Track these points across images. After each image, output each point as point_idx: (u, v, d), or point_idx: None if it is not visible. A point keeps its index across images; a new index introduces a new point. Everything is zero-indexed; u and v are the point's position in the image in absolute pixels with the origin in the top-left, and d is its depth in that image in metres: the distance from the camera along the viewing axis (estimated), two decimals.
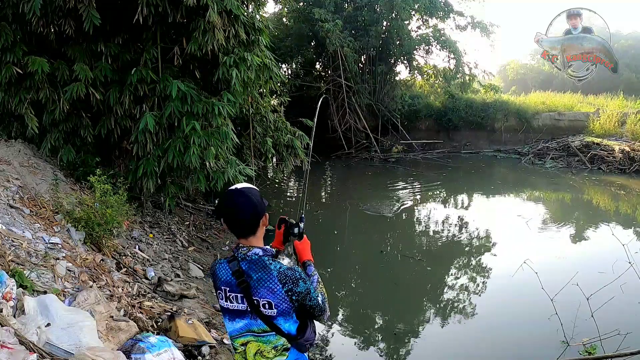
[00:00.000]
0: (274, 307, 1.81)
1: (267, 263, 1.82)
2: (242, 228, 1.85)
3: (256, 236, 1.88)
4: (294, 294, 1.80)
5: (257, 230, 1.87)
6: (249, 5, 7.25)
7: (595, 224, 9.80)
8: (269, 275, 1.80)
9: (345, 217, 10.64)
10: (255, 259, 1.83)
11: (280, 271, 1.80)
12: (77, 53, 6.15)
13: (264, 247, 1.89)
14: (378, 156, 17.51)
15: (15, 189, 5.08)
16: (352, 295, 6.28)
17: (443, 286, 6.44)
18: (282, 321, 1.85)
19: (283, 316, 1.84)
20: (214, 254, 7.00)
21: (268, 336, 1.87)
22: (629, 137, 15.65)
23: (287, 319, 1.85)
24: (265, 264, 1.82)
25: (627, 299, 4.56)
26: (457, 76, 18.55)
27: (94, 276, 4.27)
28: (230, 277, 1.85)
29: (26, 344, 2.63)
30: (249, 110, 8.17)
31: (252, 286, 1.81)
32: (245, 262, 1.83)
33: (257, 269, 1.82)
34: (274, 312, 1.82)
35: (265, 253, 1.86)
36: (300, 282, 1.81)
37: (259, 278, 1.80)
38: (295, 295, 1.81)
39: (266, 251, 1.87)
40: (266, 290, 1.80)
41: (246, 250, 1.85)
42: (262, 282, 1.80)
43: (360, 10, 17.96)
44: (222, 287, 1.88)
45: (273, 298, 1.80)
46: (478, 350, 4.90)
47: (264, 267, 1.82)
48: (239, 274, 1.82)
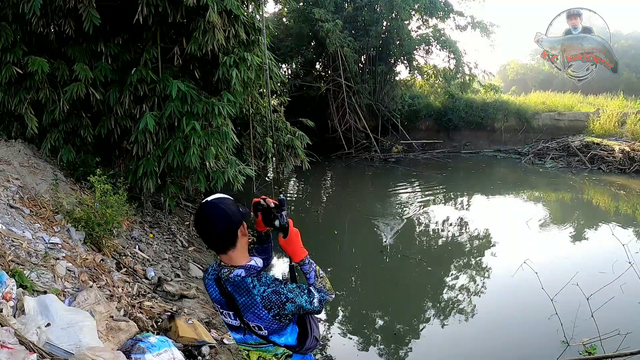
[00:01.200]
0: (264, 329, 1.73)
1: (250, 287, 1.70)
2: (219, 242, 1.72)
3: (236, 248, 1.73)
4: (282, 316, 1.70)
5: (236, 242, 1.72)
6: (249, 5, 7.25)
7: (595, 224, 9.80)
8: (253, 301, 1.69)
9: (345, 217, 10.65)
10: (238, 282, 1.71)
11: (264, 296, 1.68)
12: (77, 53, 6.16)
13: (247, 265, 1.74)
14: (378, 156, 17.50)
15: (15, 189, 5.07)
16: (352, 295, 6.28)
17: (443, 286, 6.44)
18: (277, 337, 1.78)
19: (277, 333, 1.77)
20: (214, 254, 6.98)
21: (266, 347, 1.82)
22: (629, 137, 15.64)
23: (282, 334, 1.79)
24: (249, 289, 1.70)
25: (627, 299, 4.56)
26: (457, 76, 18.54)
27: (94, 276, 4.27)
28: (219, 296, 1.77)
29: (26, 344, 2.63)
30: (249, 110, 8.17)
31: (241, 309, 1.72)
32: (229, 284, 1.73)
33: (241, 293, 1.71)
34: (266, 333, 1.74)
35: (249, 273, 1.73)
36: (288, 304, 1.69)
37: (244, 303, 1.71)
38: (284, 317, 1.70)
39: (249, 270, 1.73)
40: (252, 315, 1.71)
41: (227, 272, 1.72)
42: (248, 308, 1.70)
43: (360, 10, 17.95)
44: (215, 304, 1.83)
45: (261, 322, 1.71)
46: (478, 350, 4.90)
47: (247, 292, 1.70)
48: (227, 295, 1.73)
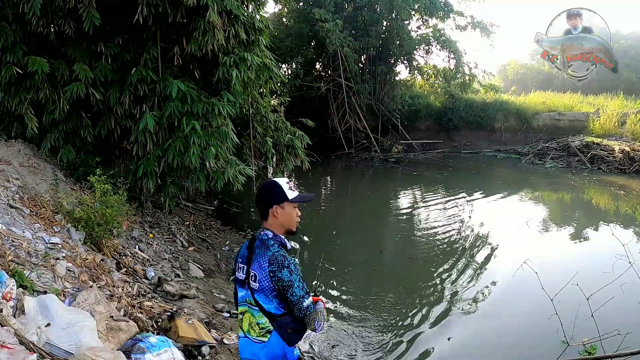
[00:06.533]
0: (257, 281, 2.03)
1: (269, 244, 2.08)
2: (260, 211, 2.15)
3: (268, 222, 2.13)
4: (274, 276, 1.99)
5: (267, 217, 2.12)
6: (249, 5, 7.26)
7: (595, 224, 9.79)
8: (264, 253, 2.05)
9: (345, 217, 10.64)
10: (265, 239, 2.10)
11: (274, 253, 2.04)
12: (77, 53, 6.16)
13: (276, 234, 2.12)
14: (378, 156, 17.51)
15: (15, 189, 5.07)
16: (352, 295, 6.27)
17: (443, 286, 6.43)
18: (263, 298, 2.04)
19: (264, 294, 2.03)
20: (214, 254, 6.99)
21: (255, 310, 2.08)
22: (629, 137, 15.62)
23: (268, 299, 2.04)
24: (268, 245, 2.07)
25: (627, 299, 4.55)
26: (457, 76, 18.56)
27: (94, 276, 4.27)
28: (245, 249, 2.16)
29: (26, 344, 2.63)
30: (249, 110, 8.18)
31: (252, 259, 2.08)
32: (259, 239, 2.12)
33: (261, 247, 2.09)
34: (257, 286, 2.04)
35: (275, 238, 2.10)
36: (285, 270, 2.00)
37: (258, 253, 2.08)
38: (276, 278, 2.00)
39: (276, 237, 2.11)
40: (257, 264, 2.05)
41: (261, 230, 2.14)
42: (258, 257, 2.06)
43: (360, 10, 17.95)
44: (238, 259, 2.19)
45: (259, 272, 2.03)
46: (478, 350, 4.90)
47: (266, 247, 2.08)
48: (250, 249, 2.12)
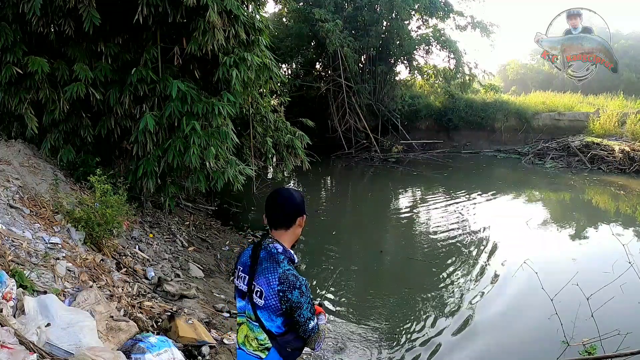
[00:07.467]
0: (262, 298, 1.87)
1: (279, 259, 1.90)
2: (281, 218, 1.95)
3: (287, 232, 1.97)
4: (284, 296, 1.84)
5: (291, 226, 1.97)
6: (249, 5, 7.26)
7: (595, 224, 9.80)
8: (274, 270, 1.88)
9: (345, 217, 10.64)
10: (274, 252, 1.92)
11: (285, 271, 1.87)
12: (77, 53, 6.16)
13: (286, 248, 1.96)
14: (378, 156, 17.50)
15: (15, 189, 5.07)
16: (352, 295, 6.28)
17: (443, 286, 6.43)
18: (266, 317, 1.90)
19: (268, 312, 1.89)
20: (214, 254, 6.99)
21: (255, 325, 1.95)
22: (629, 137, 15.62)
23: (271, 318, 1.90)
24: (278, 260, 1.90)
25: (627, 299, 4.55)
26: (457, 76, 18.55)
27: (94, 276, 4.27)
28: (247, 259, 1.98)
29: (26, 344, 2.63)
30: (249, 110, 8.18)
31: (257, 272, 1.91)
32: (265, 250, 1.94)
33: (269, 260, 1.91)
34: (262, 303, 1.88)
35: (285, 253, 1.93)
36: (296, 291, 1.85)
37: (265, 267, 1.90)
38: (286, 299, 1.85)
39: (286, 252, 1.94)
40: (264, 279, 1.88)
41: (270, 241, 1.95)
42: (265, 272, 1.89)
43: (360, 10, 17.93)
44: (238, 267, 2.03)
45: (266, 289, 1.87)
46: (478, 350, 4.90)
47: (275, 262, 1.90)
48: (254, 259, 1.94)
